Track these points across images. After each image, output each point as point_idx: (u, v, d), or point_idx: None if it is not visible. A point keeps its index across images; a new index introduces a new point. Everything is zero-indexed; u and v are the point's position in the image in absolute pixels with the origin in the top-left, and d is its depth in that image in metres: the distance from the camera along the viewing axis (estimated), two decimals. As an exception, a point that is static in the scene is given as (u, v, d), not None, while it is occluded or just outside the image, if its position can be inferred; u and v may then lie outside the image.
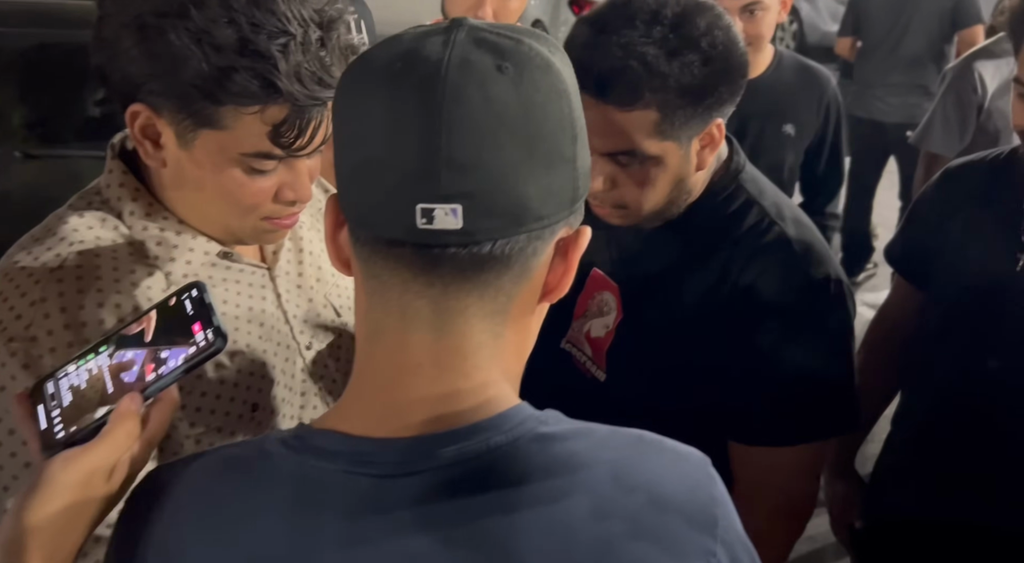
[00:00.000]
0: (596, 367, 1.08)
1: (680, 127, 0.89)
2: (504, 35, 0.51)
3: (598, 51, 0.86)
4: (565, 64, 0.53)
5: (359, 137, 0.51)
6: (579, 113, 0.52)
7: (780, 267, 0.95)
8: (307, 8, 0.71)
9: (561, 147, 0.50)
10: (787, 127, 1.77)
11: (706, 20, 0.88)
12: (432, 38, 0.50)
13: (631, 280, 1.04)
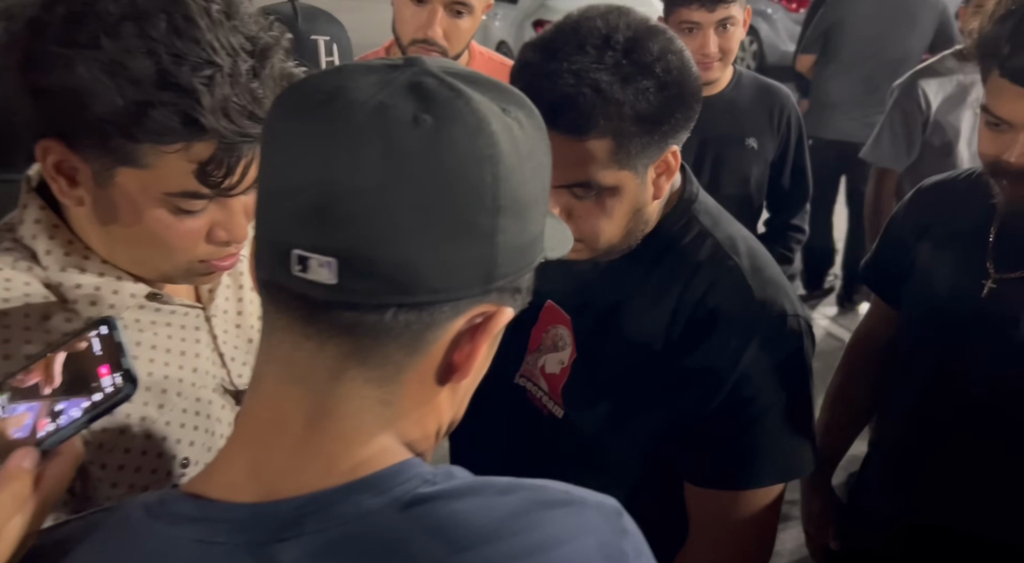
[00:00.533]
0: (553, 403, 1.05)
1: (636, 156, 0.86)
2: (449, 84, 0.47)
3: (548, 78, 0.82)
4: (513, 131, 0.48)
5: (267, 167, 0.48)
6: (514, 185, 0.47)
7: (735, 304, 0.92)
8: (237, 35, 0.66)
9: (472, 218, 0.45)
10: (749, 141, 1.79)
11: (659, 45, 0.85)
12: (372, 75, 0.47)
13: (585, 314, 1.01)
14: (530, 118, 0.50)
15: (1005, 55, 0.92)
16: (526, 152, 0.48)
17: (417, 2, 1.45)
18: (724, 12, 1.67)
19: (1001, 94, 0.95)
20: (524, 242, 0.49)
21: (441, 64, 0.49)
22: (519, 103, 0.50)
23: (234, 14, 0.67)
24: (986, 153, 1.01)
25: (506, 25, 7.29)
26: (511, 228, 0.47)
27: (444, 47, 1.48)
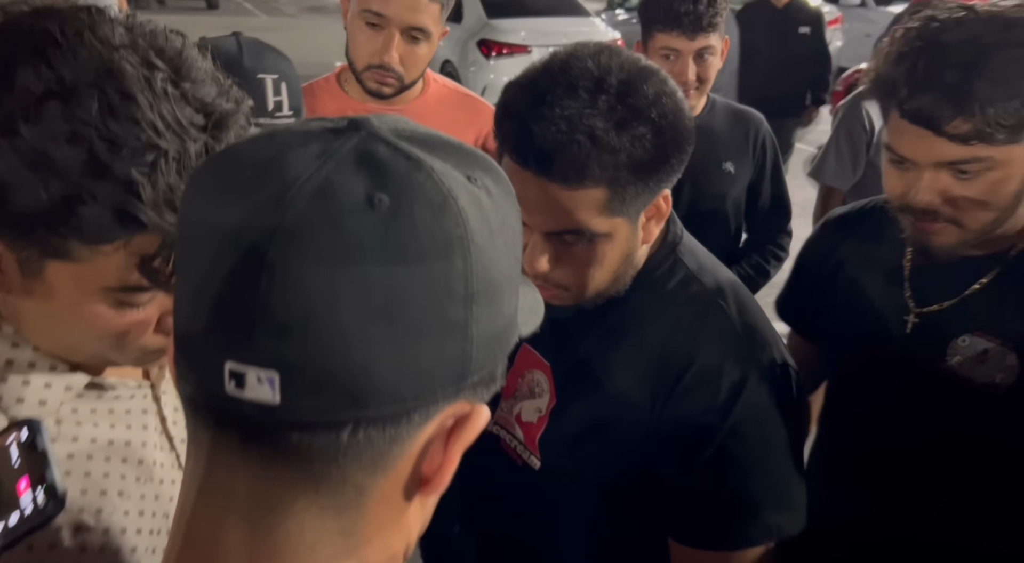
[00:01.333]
0: (529, 453, 1.00)
1: (630, 202, 0.83)
2: (406, 152, 0.40)
3: (539, 124, 0.77)
4: (481, 202, 0.41)
5: (185, 263, 0.40)
6: (487, 266, 0.41)
7: (724, 356, 0.89)
8: (186, 108, 0.56)
9: (441, 312, 0.39)
10: (726, 165, 1.81)
11: (654, 87, 0.81)
12: (311, 144, 0.40)
13: (564, 360, 0.97)
14: (498, 183, 0.44)
15: (904, 97, 0.92)
16: (497, 225, 0.42)
17: (372, 27, 1.44)
18: (704, 41, 1.68)
19: (902, 134, 0.95)
20: (500, 327, 0.43)
21: (392, 126, 0.43)
22: (485, 167, 0.44)
23: (185, 77, 0.58)
24: (892, 191, 1.01)
25: (451, 44, 7.31)
26: (485, 316, 0.41)
27: (400, 73, 1.47)
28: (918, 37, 0.92)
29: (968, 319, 1.02)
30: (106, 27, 0.57)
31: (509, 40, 6.99)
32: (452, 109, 1.62)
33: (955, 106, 0.88)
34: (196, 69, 0.59)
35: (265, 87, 1.03)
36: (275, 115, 1.04)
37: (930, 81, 0.89)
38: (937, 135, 0.90)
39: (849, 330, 1.14)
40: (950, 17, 0.92)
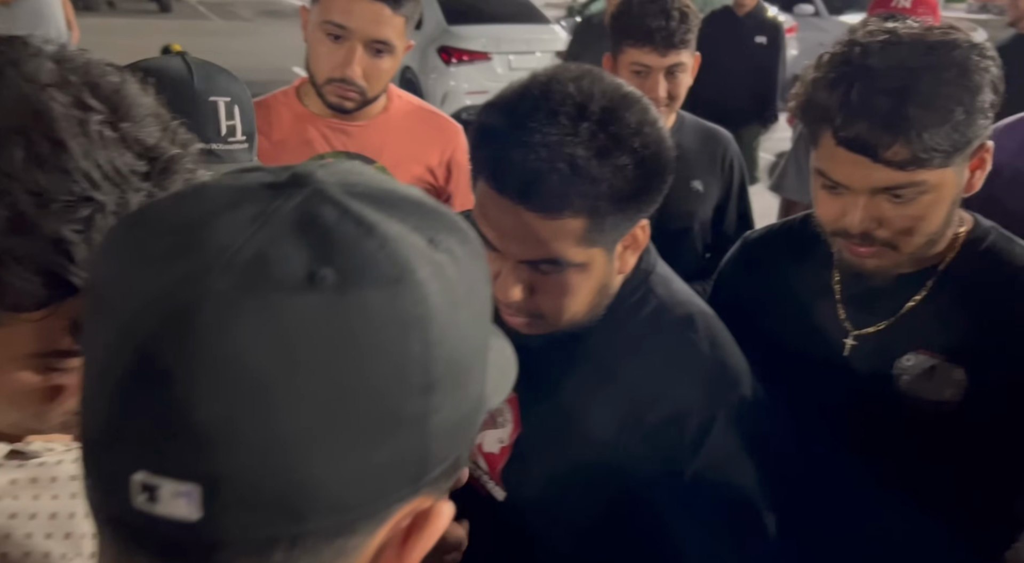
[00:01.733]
0: (493, 484, 0.99)
1: (608, 232, 0.82)
2: (356, 215, 0.34)
3: (519, 150, 0.75)
4: (445, 271, 0.36)
5: (87, 334, 0.35)
6: (451, 347, 0.35)
7: (695, 390, 0.88)
8: (126, 154, 0.51)
9: (396, 407, 0.34)
10: (695, 183, 1.80)
11: (635, 116, 0.79)
12: (245, 204, 0.34)
13: (529, 388, 0.92)
14: (464, 244, 0.39)
15: (839, 124, 0.90)
16: (463, 295, 0.37)
17: (334, 39, 1.40)
18: (675, 58, 1.67)
19: (836, 160, 0.93)
20: (464, 412, 0.38)
21: (342, 179, 0.36)
22: (449, 227, 0.38)
23: (124, 117, 0.52)
24: (826, 216, 1.00)
25: (412, 51, 7.27)
26: (448, 403, 0.36)
27: (363, 87, 1.44)
28: (846, 62, 0.91)
29: (909, 337, 1.02)
30: (32, 62, 0.51)
31: (469, 47, 6.98)
32: (416, 125, 1.59)
33: (892, 133, 0.88)
34: (137, 107, 0.53)
35: (218, 110, 0.99)
36: (228, 140, 1.00)
37: (865, 108, 0.88)
38: (874, 162, 0.90)
39: (781, 356, 1.11)
40: (874, 41, 0.92)
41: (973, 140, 0.91)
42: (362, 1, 1.38)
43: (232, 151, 1.01)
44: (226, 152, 1.00)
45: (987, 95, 0.90)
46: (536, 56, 7.19)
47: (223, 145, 1.00)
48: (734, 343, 0.95)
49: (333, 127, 1.53)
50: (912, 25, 0.94)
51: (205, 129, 0.98)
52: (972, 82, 0.89)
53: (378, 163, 1.56)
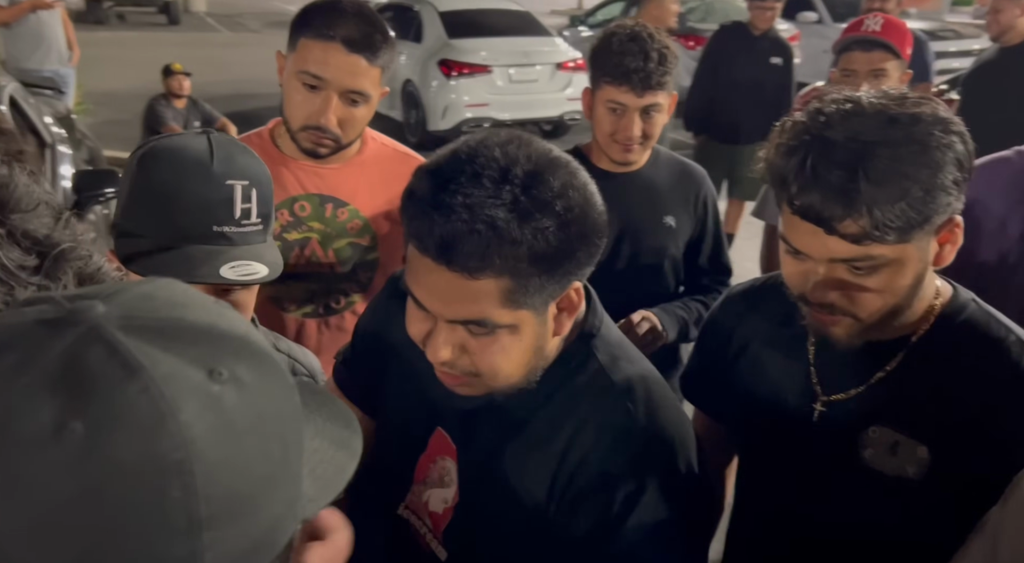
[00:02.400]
0: (437, 543, 0.98)
1: (534, 294, 0.81)
2: (124, 357, 0.34)
3: (440, 211, 0.76)
4: (223, 402, 0.36)
5: None
6: (227, 482, 0.36)
7: (623, 461, 0.87)
8: (14, 248, 0.50)
9: (158, 552, 0.34)
10: (667, 219, 1.80)
11: (560, 179, 0.79)
12: (12, 350, 0.34)
13: (470, 449, 0.96)
14: (258, 368, 0.39)
15: (793, 193, 0.90)
16: (248, 423, 0.37)
17: (310, 88, 1.40)
18: (651, 98, 1.66)
19: (795, 228, 0.93)
20: (255, 538, 0.38)
21: (126, 312, 0.37)
22: (239, 352, 0.39)
23: (13, 209, 0.52)
24: (790, 280, 0.99)
25: (412, 63, 7.29)
26: (225, 537, 0.36)
27: (337, 135, 1.44)
28: (805, 131, 0.90)
29: (876, 409, 1.00)
30: None
31: (470, 60, 7.00)
32: (390, 167, 1.59)
33: (843, 206, 0.86)
34: (26, 199, 0.53)
35: (234, 194, 0.98)
36: (242, 223, 1.00)
37: (817, 179, 0.87)
38: (828, 233, 0.89)
39: (754, 414, 1.11)
40: (836, 110, 0.90)
41: (933, 217, 0.88)
42: (339, 53, 1.38)
43: (245, 234, 1.01)
44: (238, 235, 1.00)
45: (949, 172, 0.87)
46: (536, 69, 7.21)
47: (236, 228, 0.99)
48: (676, 411, 0.94)
49: (307, 170, 1.54)
50: (881, 94, 0.92)
51: (219, 212, 0.98)
52: (932, 159, 0.86)
53: (351, 205, 1.56)
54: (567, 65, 7.30)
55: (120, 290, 0.39)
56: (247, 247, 1.01)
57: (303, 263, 1.55)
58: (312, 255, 1.55)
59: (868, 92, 0.93)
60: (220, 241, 0.99)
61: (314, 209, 1.54)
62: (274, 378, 0.41)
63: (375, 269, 1.60)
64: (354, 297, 1.60)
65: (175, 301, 0.39)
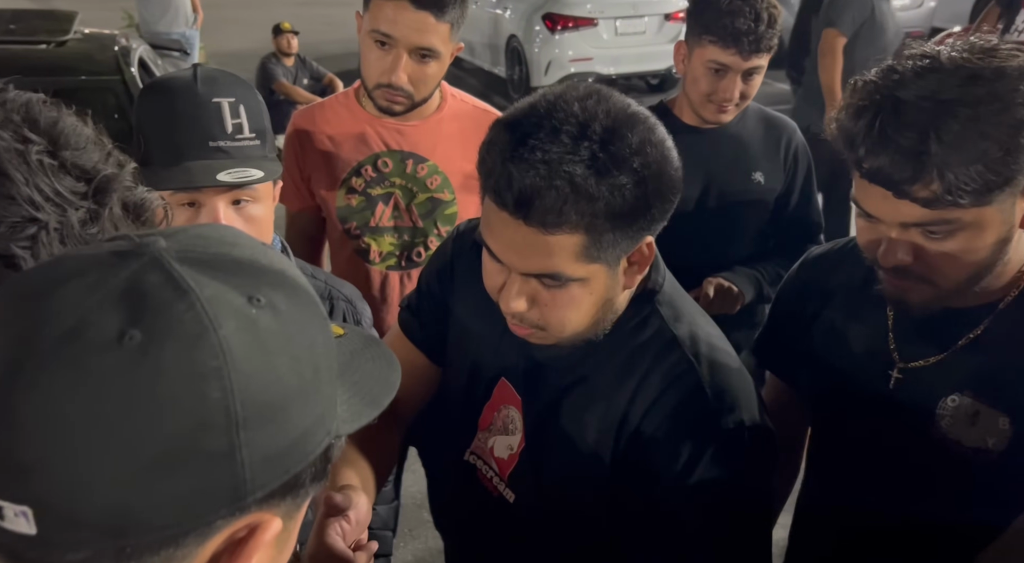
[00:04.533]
0: (504, 485, 1.02)
1: (608, 249, 0.82)
2: (176, 281, 0.41)
3: (519, 166, 0.77)
4: (258, 324, 0.42)
5: None
6: (257, 390, 0.42)
7: (689, 412, 0.87)
8: (66, 178, 0.57)
9: (197, 443, 0.40)
10: (756, 175, 1.73)
11: (639, 136, 0.79)
12: (89, 273, 0.41)
13: (536, 398, 0.98)
14: (292, 297, 0.45)
15: (861, 156, 0.86)
16: (280, 344, 0.43)
17: (381, 46, 1.44)
18: (756, 61, 1.59)
19: (864, 192, 0.89)
20: (286, 443, 0.44)
21: (183, 246, 0.43)
22: (276, 283, 0.45)
23: (63, 146, 0.58)
24: (863, 244, 0.95)
25: (516, 18, 7.22)
26: (258, 438, 0.42)
27: (409, 92, 1.47)
28: (876, 90, 0.85)
29: (956, 377, 0.95)
30: None
31: (575, 13, 6.85)
32: (468, 125, 1.61)
33: (913, 170, 0.82)
34: (75, 136, 0.60)
35: (222, 111, 1.05)
36: (236, 137, 1.06)
37: (885, 141, 0.83)
38: (898, 197, 0.85)
39: (829, 380, 1.08)
40: (911, 67, 0.85)
41: (1016, 177, 0.82)
42: (407, 10, 1.41)
43: (242, 147, 1.07)
44: (235, 148, 1.06)
45: None
46: (644, 20, 6.98)
47: (231, 142, 1.06)
48: (737, 366, 0.93)
49: (388, 127, 1.58)
50: (965, 47, 0.85)
51: (212, 128, 1.05)
52: (1014, 117, 0.80)
53: (431, 161, 1.61)
54: (677, 16, 7.01)
55: (181, 231, 0.46)
56: (247, 160, 1.06)
57: (386, 217, 1.62)
58: (394, 210, 1.61)
59: (951, 45, 0.86)
60: (218, 155, 1.05)
61: (396, 165, 1.59)
62: (307, 309, 0.46)
63: (454, 223, 1.64)
64: (434, 250, 1.65)
65: (225, 241, 0.46)
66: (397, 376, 0.58)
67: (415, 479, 2.25)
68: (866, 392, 1.02)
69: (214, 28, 7.59)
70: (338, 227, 1.62)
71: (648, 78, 7.46)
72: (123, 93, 3.14)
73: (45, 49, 3.37)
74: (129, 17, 6.52)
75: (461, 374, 1.07)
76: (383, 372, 0.57)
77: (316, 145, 1.59)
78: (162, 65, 4.21)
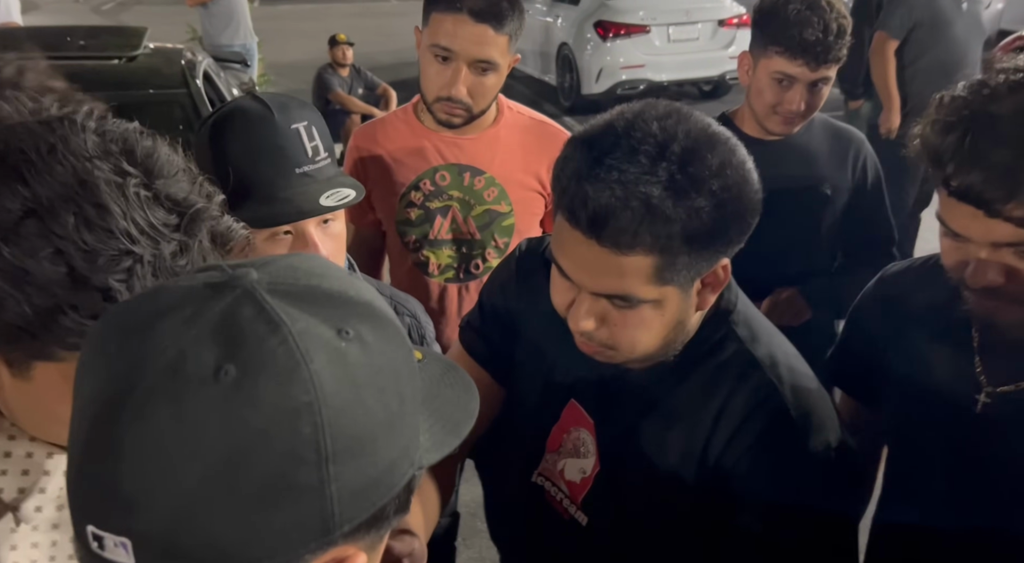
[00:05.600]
0: (575, 508, 1.01)
1: (682, 271, 0.80)
2: (269, 315, 0.41)
3: (594, 185, 0.76)
4: (348, 358, 0.43)
5: (71, 418, 0.44)
6: (347, 424, 0.42)
7: (774, 436, 0.86)
8: (159, 210, 0.58)
9: (290, 477, 0.41)
10: (824, 187, 1.68)
11: (719, 157, 0.77)
12: (186, 307, 0.42)
13: (610, 422, 0.97)
14: (379, 329, 0.46)
15: (949, 173, 0.83)
16: (368, 377, 0.44)
17: (442, 60, 1.46)
18: (825, 72, 1.54)
19: (952, 210, 0.86)
20: (373, 476, 0.44)
21: (275, 278, 0.44)
22: (363, 315, 0.45)
23: (157, 175, 0.60)
24: (949, 264, 0.92)
25: (567, 26, 7.23)
26: (347, 472, 0.43)
27: (469, 104, 1.49)
28: (966, 105, 0.83)
29: None
30: (77, 139, 0.59)
31: (627, 20, 6.83)
32: (526, 137, 1.62)
33: (1007, 188, 0.79)
34: (168, 166, 0.61)
35: (301, 136, 1.07)
36: (316, 160, 1.08)
37: (977, 158, 0.80)
38: (990, 216, 0.82)
39: (909, 402, 1.05)
40: (1004, 82, 0.82)
41: None
42: (466, 24, 1.43)
43: (322, 168, 1.09)
44: (317, 171, 1.07)
45: None
46: (697, 26, 6.91)
47: (313, 166, 1.08)
48: (817, 387, 0.91)
49: (446, 140, 1.60)
50: None
51: (297, 155, 1.07)
52: None
53: (488, 173, 1.62)
54: (731, 22, 6.93)
55: (271, 261, 0.46)
56: (329, 180, 1.08)
57: (444, 230, 1.64)
58: (452, 222, 1.63)
59: None
60: (307, 181, 1.06)
61: (453, 178, 1.60)
62: (394, 341, 0.47)
63: (511, 234, 1.65)
64: (492, 262, 1.66)
65: (314, 272, 0.47)
66: (476, 403, 0.58)
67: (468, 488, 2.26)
68: (950, 416, 0.99)
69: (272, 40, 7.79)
70: (398, 240, 1.65)
71: (701, 85, 7.38)
72: (189, 105, 3.25)
73: (116, 64, 3.50)
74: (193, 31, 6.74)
75: (528, 394, 1.05)
76: (462, 399, 0.57)
77: (377, 161, 1.62)
78: (224, 77, 4.34)
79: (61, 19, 11.10)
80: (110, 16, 13.60)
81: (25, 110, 0.65)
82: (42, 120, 0.61)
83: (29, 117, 0.63)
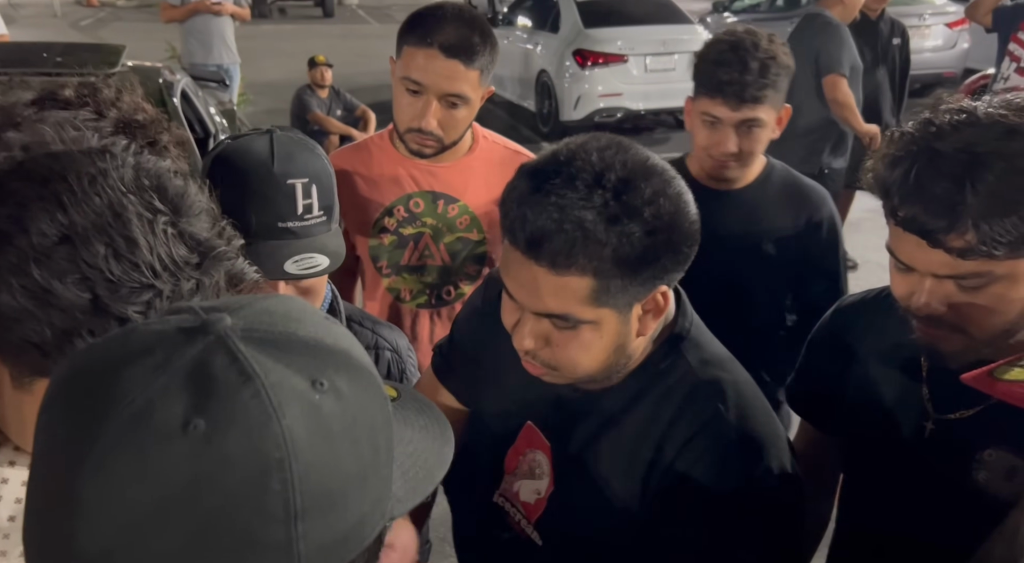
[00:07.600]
0: (532, 529, 1.03)
1: (617, 295, 0.84)
2: (242, 365, 0.40)
3: (533, 209, 0.81)
4: (322, 410, 0.41)
5: (31, 476, 0.43)
6: (318, 479, 0.41)
7: (716, 463, 0.89)
8: (182, 247, 0.60)
9: (257, 536, 0.40)
10: (767, 246, 1.62)
11: (652, 187, 0.82)
12: (156, 352, 0.41)
13: (565, 443, 0.99)
14: (356, 379, 0.45)
15: (896, 204, 0.87)
16: (341, 429, 0.43)
17: (412, 93, 1.48)
18: (749, 113, 1.51)
19: (899, 240, 0.90)
20: (343, 531, 0.43)
21: (249, 322, 0.43)
22: (340, 365, 0.44)
23: (184, 214, 0.62)
24: (897, 293, 0.96)
25: (547, 54, 7.33)
26: (316, 529, 0.41)
27: (439, 136, 1.51)
28: (913, 141, 0.87)
29: (992, 431, 0.94)
30: (116, 173, 0.61)
31: (605, 50, 6.95)
32: (499, 166, 1.64)
33: (947, 219, 0.83)
34: (195, 206, 0.63)
35: (295, 192, 1.07)
36: (304, 218, 1.08)
37: (921, 191, 0.84)
38: (932, 246, 0.86)
39: (862, 428, 1.08)
40: (949, 121, 0.87)
41: None
42: (437, 59, 1.45)
43: (308, 226, 1.08)
44: (302, 228, 1.07)
45: None
46: (674, 57, 7.04)
47: (299, 223, 1.08)
48: (766, 413, 0.94)
49: (421, 168, 1.63)
50: (1001, 104, 0.87)
51: (283, 209, 1.06)
52: None
53: (462, 201, 1.64)
54: (706, 53, 7.08)
55: (246, 304, 0.45)
56: (311, 239, 1.08)
57: (417, 257, 1.65)
58: (425, 249, 1.65)
59: (987, 101, 0.89)
60: (285, 235, 1.07)
61: (427, 205, 1.63)
62: (370, 390, 0.46)
63: (483, 262, 1.67)
64: (464, 289, 1.68)
65: (291, 316, 0.45)
66: (450, 448, 0.57)
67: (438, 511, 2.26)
68: (900, 442, 1.02)
69: (251, 59, 7.80)
70: (371, 265, 1.66)
71: (677, 114, 7.50)
72: (166, 125, 3.25)
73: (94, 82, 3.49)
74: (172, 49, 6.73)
75: (489, 416, 1.09)
76: (435, 443, 0.56)
77: (352, 186, 1.63)
78: (203, 96, 4.33)
79: (39, 33, 11.03)
80: (89, 31, 13.53)
81: (67, 137, 0.66)
82: (83, 150, 0.63)
83: (72, 145, 0.64)
